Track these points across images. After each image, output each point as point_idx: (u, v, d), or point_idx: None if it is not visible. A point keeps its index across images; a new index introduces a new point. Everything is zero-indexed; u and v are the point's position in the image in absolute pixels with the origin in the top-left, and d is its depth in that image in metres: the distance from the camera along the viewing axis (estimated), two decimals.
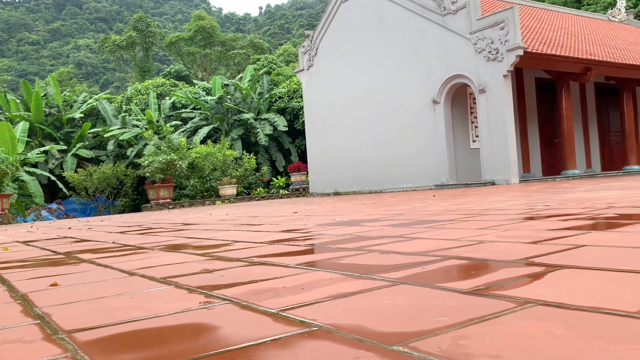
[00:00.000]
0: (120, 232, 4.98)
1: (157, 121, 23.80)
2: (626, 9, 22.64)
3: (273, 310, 1.16)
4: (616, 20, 21.79)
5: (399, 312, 1.06)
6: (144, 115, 23.76)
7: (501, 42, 11.53)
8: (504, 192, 7.37)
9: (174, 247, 2.96)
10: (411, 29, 13.97)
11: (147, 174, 17.54)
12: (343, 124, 16.52)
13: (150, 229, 5.17)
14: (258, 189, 20.13)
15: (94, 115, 26.37)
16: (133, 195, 22.50)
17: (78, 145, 23.50)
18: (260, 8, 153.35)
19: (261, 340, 0.94)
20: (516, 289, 1.18)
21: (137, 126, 23.96)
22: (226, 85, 25.42)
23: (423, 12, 13.52)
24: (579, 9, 32.46)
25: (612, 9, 23.10)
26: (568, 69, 12.62)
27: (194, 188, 18.99)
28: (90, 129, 24.34)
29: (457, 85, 12.94)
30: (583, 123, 16.07)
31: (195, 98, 25.08)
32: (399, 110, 14.48)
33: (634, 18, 22.97)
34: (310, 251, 2.21)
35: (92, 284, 1.80)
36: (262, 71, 26.74)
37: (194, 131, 23.95)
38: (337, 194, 16.35)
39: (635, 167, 14.32)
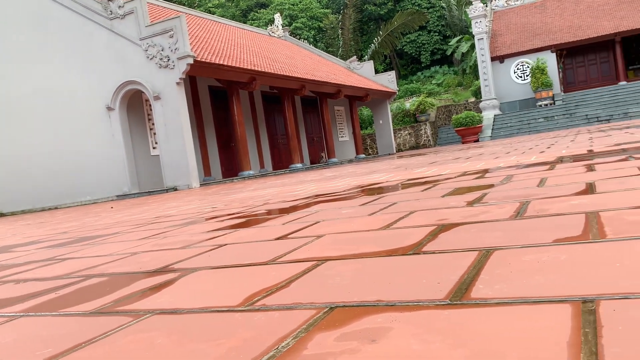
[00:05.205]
0: None
1: None
2: (283, 27, 25.79)
3: None
4: (275, 35, 24.64)
5: None
6: None
7: (172, 50, 11.74)
8: (183, 197, 7.53)
9: None
10: (78, 31, 13.04)
11: None
12: (6, 132, 14.39)
13: None
14: None
15: None
16: None
17: None
18: None
19: None
20: (142, 300, 1.18)
21: None
22: None
23: (89, 15, 12.76)
24: (245, 23, 35.58)
25: (272, 25, 26.01)
26: (236, 78, 13.65)
27: None
28: None
29: (132, 91, 12.65)
30: (254, 128, 17.66)
31: None
32: (73, 116, 13.37)
33: (290, 35, 26.33)
34: None
35: None
36: None
37: None
38: (1, 215, 14.16)
39: (299, 165, 16.44)
